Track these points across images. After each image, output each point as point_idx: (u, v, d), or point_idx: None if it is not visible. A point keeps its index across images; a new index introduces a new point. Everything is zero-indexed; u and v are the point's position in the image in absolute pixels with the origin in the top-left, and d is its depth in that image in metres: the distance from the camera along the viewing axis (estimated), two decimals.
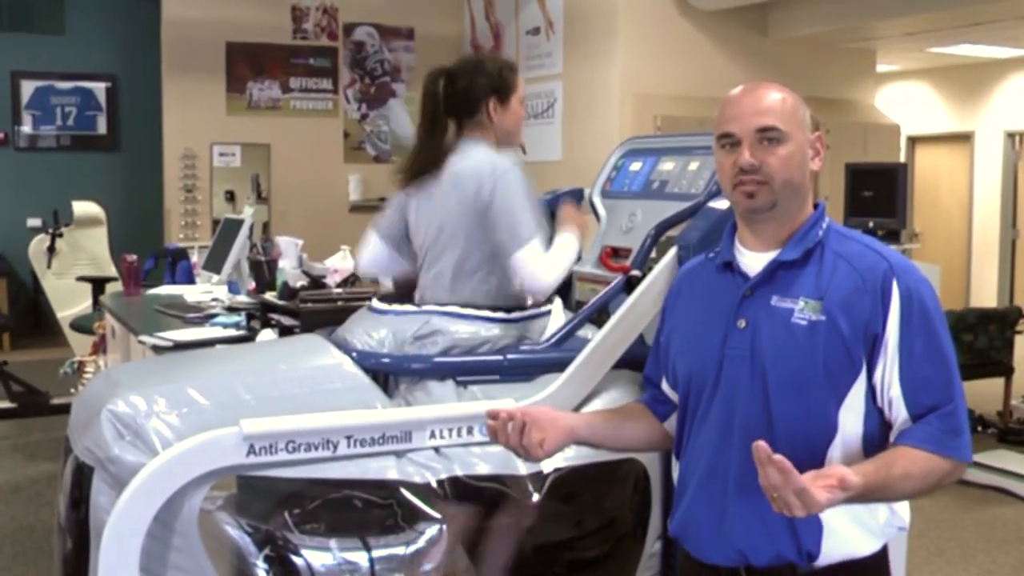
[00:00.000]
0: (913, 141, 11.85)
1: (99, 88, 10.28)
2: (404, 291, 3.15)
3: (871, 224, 6.28)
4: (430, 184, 2.97)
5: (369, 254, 3.21)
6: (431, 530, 2.46)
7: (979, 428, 6.48)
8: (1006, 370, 6.54)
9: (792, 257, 1.90)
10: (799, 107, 1.94)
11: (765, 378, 1.87)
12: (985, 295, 11.05)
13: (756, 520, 1.86)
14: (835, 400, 1.84)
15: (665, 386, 2.13)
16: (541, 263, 2.83)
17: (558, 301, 2.97)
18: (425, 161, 2.98)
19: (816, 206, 1.97)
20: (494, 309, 2.84)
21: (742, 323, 1.91)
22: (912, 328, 1.82)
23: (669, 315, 2.13)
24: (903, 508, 1.94)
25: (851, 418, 1.85)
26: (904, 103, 11.68)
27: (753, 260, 1.95)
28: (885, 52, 9.68)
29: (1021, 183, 11.06)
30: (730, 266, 1.99)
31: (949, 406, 1.81)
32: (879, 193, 6.48)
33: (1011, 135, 11.03)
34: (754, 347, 1.88)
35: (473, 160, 2.91)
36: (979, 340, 6.32)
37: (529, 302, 2.97)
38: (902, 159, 10.56)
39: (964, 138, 11.44)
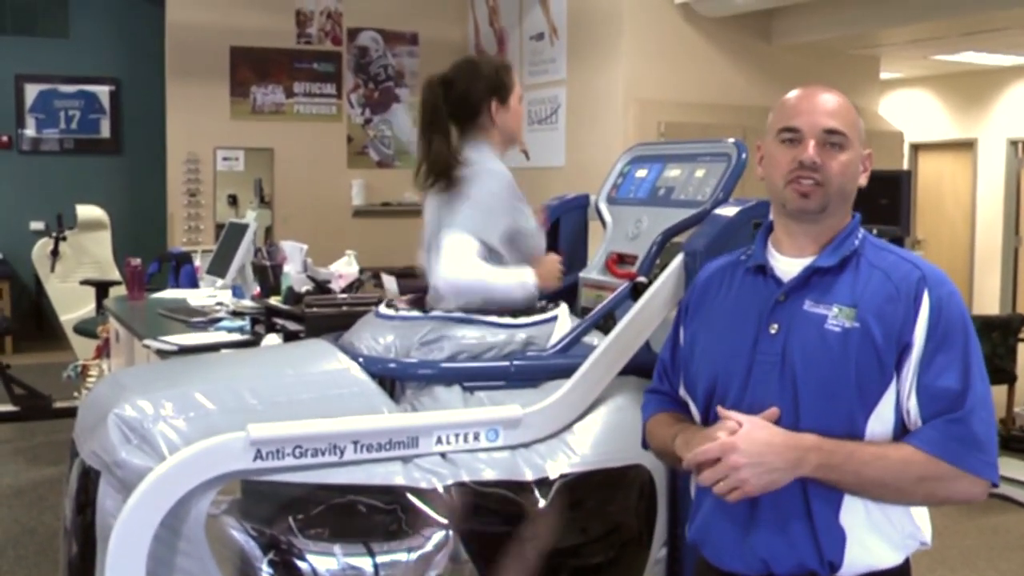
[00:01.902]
0: (916, 148, 11.85)
1: (102, 91, 10.30)
2: (412, 295, 3.14)
3: (875, 231, 6.25)
4: (440, 191, 2.97)
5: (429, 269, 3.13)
6: (436, 536, 2.46)
7: None
8: (1009, 377, 6.53)
9: (829, 263, 1.89)
10: (858, 120, 1.95)
11: (795, 384, 1.85)
12: (988, 302, 11.05)
13: (779, 529, 1.86)
14: (864, 409, 1.83)
15: (682, 392, 2.11)
16: (453, 257, 2.80)
17: (564, 307, 2.97)
18: (435, 171, 2.97)
19: (852, 216, 1.97)
20: (499, 313, 2.84)
21: (774, 328, 1.90)
22: (936, 340, 1.81)
23: (690, 319, 2.10)
24: (924, 523, 1.93)
25: (879, 428, 1.84)
26: (907, 110, 11.68)
27: (787, 265, 1.95)
28: (889, 59, 9.69)
29: None
30: (763, 270, 1.97)
31: (958, 413, 1.79)
32: (883, 200, 6.47)
33: (1014, 143, 11.04)
34: (785, 353, 1.87)
35: (471, 164, 2.92)
36: (982, 348, 6.24)
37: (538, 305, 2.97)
38: (905, 166, 10.56)
39: (967, 145, 11.44)
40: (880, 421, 1.84)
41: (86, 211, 8.36)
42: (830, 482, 1.82)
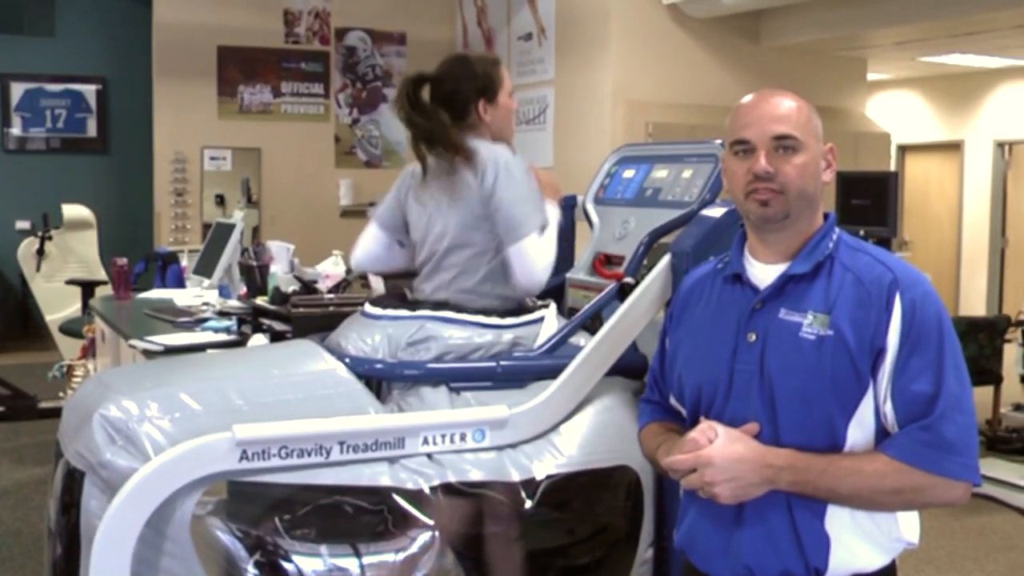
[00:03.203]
0: (903, 150, 11.89)
1: (89, 91, 10.25)
2: (396, 292, 3.14)
3: (862, 232, 6.28)
4: (432, 182, 2.97)
5: (365, 246, 3.21)
6: (422, 536, 2.45)
7: None
8: (995, 378, 6.55)
9: (802, 270, 1.88)
10: (813, 117, 1.93)
11: (773, 392, 1.85)
12: (974, 304, 11.08)
13: (764, 536, 1.86)
14: (844, 415, 1.83)
15: (673, 401, 2.11)
16: (536, 256, 2.82)
17: (552, 307, 2.97)
18: (435, 141, 2.97)
19: (826, 217, 1.96)
20: (492, 311, 2.84)
21: (752, 337, 1.89)
22: (910, 344, 1.80)
23: (675, 327, 2.10)
24: (911, 524, 1.93)
25: (860, 433, 1.84)
26: (895, 112, 11.71)
27: (763, 272, 1.94)
28: (876, 61, 9.71)
29: (1010, 192, 11.11)
30: (739, 278, 1.97)
31: (928, 419, 1.78)
32: (870, 201, 6.49)
33: (1001, 144, 11.07)
34: (763, 362, 1.87)
35: (486, 163, 2.90)
36: (968, 349, 6.33)
37: (528, 303, 2.97)
38: (892, 167, 10.59)
39: (954, 147, 11.48)
40: (861, 427, 1.84)
41: (72, 210, 8.33)
42: (806, 496, 1.83)
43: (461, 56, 3.12)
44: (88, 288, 7.22)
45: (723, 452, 1.81)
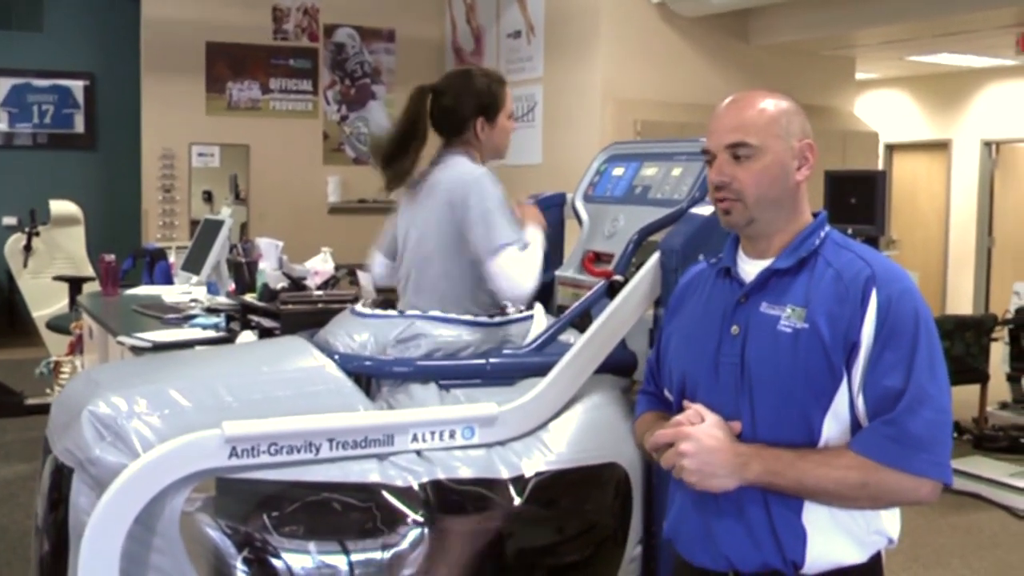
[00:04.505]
0: (891, 149, 11.92)
1: (77, 86, 10.22)
2: (388, 298, 3.15)
3: (850, 231, 6.29)
4: (413, 196, 2.99)
5: (376, 271, 3.26)
6: (411, 533, 2.45)
7: (955, 435, 6.52)
8: (982, 377, 6.58)
9: (786, 265, 1.91)
10: (781, 117, 1.92)
11: (751, 384, 1.87)
12: (961, 302, 11.13)
13: (742, 528, 1.88)
14: (819, 408, 1.84)
15: (667, 392, 2.13)
16: (518, 268, 2.82)
17: (539, 306, 2.97)
18: (396, 175, 2.99)
19: (817, 215, 1.97)
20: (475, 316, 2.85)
21: (735, 329, 1.92)
22: (883, 338, 1.80)
23: (670, 319, 2.13)
24: (891, 521, 1.93)
25: (836, 427, 1.85)
26: (883, 111, 11.74)
27: (751, 267, 1.96)
28: (864, 60, 9.74)
29: (997, 191, 11.15)
30: (729, 272, 2.00)
31: (892, 414, 1.78)
32: (858, 200, 6.50)
33: (988, 144, 11.12)
34: (744, 354, 1.89)
35: (449, 171, 2.92)
36: (955, 347, 6.36)
37: (511, 309, 2.97)
38: (880, 166, 10.62)
39: (941, 146, 11.52)
40: (836, 420, 1.85)
41: (60, 206, 8.31)
42: (776, 489, 1.84)
43: (465, 70, 3.11)
44: (75, 284, 7.20)
45: (705, 431, 1.85)
